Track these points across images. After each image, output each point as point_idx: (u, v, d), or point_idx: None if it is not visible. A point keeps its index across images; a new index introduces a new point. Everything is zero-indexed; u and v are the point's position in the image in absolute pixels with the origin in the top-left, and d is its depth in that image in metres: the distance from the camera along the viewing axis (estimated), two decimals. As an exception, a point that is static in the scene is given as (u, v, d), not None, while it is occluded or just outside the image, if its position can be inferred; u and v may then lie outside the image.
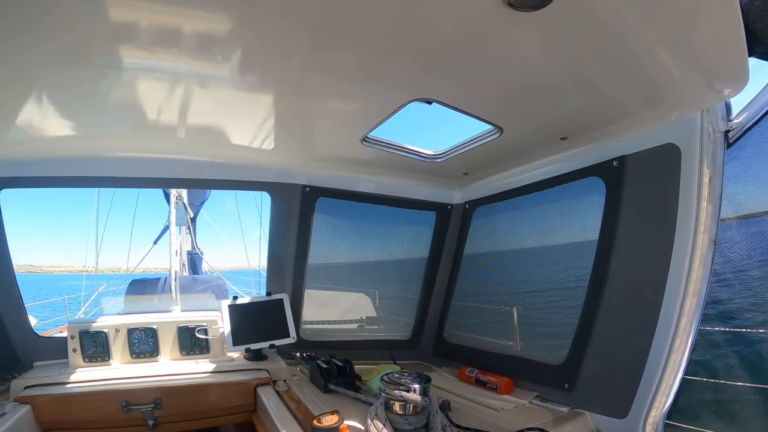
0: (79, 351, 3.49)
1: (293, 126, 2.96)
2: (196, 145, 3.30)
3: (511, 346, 3.52)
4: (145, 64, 2.11)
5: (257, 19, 1.73)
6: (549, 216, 3.28)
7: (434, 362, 4.17)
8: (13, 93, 2.30)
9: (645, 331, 2.46)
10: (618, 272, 2.67)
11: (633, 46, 1.81)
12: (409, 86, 2.32)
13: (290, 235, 3.94)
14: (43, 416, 2.94)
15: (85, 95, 2.40)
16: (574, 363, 2.85)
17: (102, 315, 3.94)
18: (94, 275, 12.22)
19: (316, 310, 4.20)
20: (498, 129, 2.78)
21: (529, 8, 1.56)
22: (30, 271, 66.46)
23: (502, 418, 2.81)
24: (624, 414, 2.55)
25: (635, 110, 2.39)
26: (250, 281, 12.73)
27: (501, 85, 2.24)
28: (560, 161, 3.04)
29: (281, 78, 2.27)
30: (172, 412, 3.19)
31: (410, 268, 4.32)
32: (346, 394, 3.09)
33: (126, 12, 1.68)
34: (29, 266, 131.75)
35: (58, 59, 1.99)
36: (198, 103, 2.57)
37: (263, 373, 3.54)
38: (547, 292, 3.31)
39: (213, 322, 3.83)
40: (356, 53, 1.99)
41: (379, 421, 2.04)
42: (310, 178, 3.81)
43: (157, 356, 3.70)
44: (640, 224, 2.59)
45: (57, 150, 3.16)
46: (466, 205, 4.03)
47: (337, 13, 1.69)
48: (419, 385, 2.02)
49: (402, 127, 2.77)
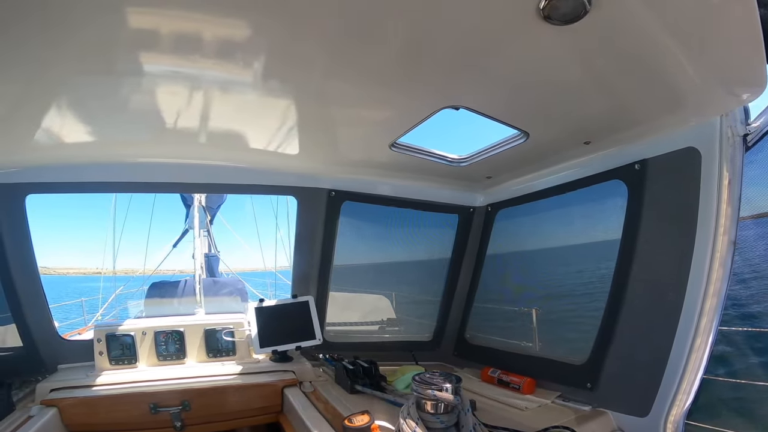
0: (105, 354, 3.55)
1: (319, 132, 3.01)
2: (219, 149, 3.35)
3: (533, 346, 3.55)
4: (167, 70, 2.16)
5: (281, 25, 1.77)
6: (571, 218, 3.32)
7: (456, 363, 4.19)
8: (35, 100, 2.35)
9: (666, 331, 2.49)
10: (640, 273, 2.70)
11: (655, 54, 1.86)
12: (441, 93, 2.37)
13: (316, 238, 3.99)
14: (69, 419, 2.98)
15: (108, 102, 2.45)
16: (597, 362, 2.88)
17: (121, 317, 3.98)
18: (110, 277, 12.30)
19: (338, 311, 4.23)
20: (524, 134, 2.82)
21: (562, 22, 1.64)
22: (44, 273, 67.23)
23: (527, 417, 2.85)
24: (645, 412, 2.58)
25: (657, 115, 2.43)
26: (265, 283, 12.79)
27: (529, 91, 2.30)
28: (583, 165, 3.07)
29: (309, 86, 2.33)
30: (199, 414, 3.23)
31: (432, 271, 4.35)
32: (373, 394, 3.12)
33: (147, 19, 1.73)
34: (44, 268, 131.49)
35: (80, 66, 2.04)
36: (221, 109, 2.62)
37: (289, 374, 3.58)
38: (570, 293, 3.34)
39: (239, 324, 3.88)
40: (388, 61, 2.05)
41: (412, 419, 2.08)
42: (336, 183, 3.86)
43: (184, 358, 3.75)
44: (661, 226, 2.62)
45: (81, 156, 3.22)
46: (489, 208, 4.06)
47: (371, 20, 1.74)
48: (451, 384, 2.07)
49: (420, 130, 2.81)
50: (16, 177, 3.24)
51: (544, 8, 1.57)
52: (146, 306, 4.74)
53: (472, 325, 4.15)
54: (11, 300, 3.38)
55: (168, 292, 5.09)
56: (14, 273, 3.36)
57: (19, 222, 3.36)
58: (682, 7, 1.57)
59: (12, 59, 1.92)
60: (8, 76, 2.07)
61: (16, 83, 2.15)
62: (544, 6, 1.56)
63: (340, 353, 3.97)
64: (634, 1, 1.55)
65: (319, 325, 3.89)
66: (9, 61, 1.93)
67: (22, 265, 3.40)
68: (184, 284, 5.27)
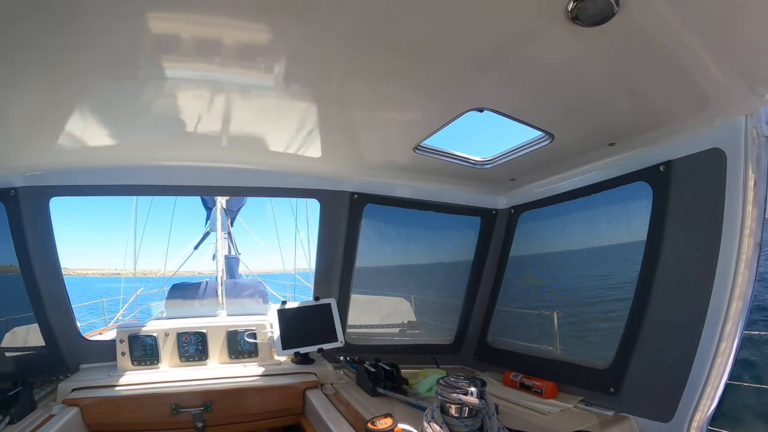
0: (128, 354, 3.59)
1: (342, 135, 3.04)
2: (241, 153, 3.39)
3: (555, 350, 3.53)
4: (189, 74, 2.20)
5: (302, 30, 1.79)
6: (595, 221, 3.28)
7: (477, 367, 4.18)
8: (60, 105, 2.40)
9: (691, 334, 2.46)
10: (665, 276, 2.67)
11: (680, 54, 1.86)
12: (467, 95, 2.38)
13: (338, 241, 4.01)
14: (91, 418, 3.02)
15: (131, 106, 2.49)
16: (621, 367, 2.85)
17: (141, 317, 4.01)
18: (131, 278, 12.44)
19: (359, 314, 4.24)
20: (549, 135, 2.82)
21: (590, 24, 1.64)
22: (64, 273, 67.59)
23: (549, 421, 2.84)
24: (669, 418, 2.54)
25: (682, 116, 2.41)
26: (284, 284, 12.85)
27: (555, 93, 2.30)
28: (607, 166, 3.05)
29: (331, 90, 2.35)
30: (221, 415, 3.25)
31: (453, 274, 4.34)
32: (396, 397, 3.13)
33: (169, 25, 1.76)
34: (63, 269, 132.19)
35: (104, 72, 2.08)
36: (243, 112, 2.66)
37: (311, 376, 3.60)
38: (594, 296, 3.31)
39: (261, 326, 3.90)
40: (413, 64, 2.06)
41: (436, 423, 2.08)
42: (358, 185, 3.87)
43: (206, 360, 3.78)
44: (686, 228, 2.60)
45: (104, 159, 3.28)
46: (512, 210, 4.04)
47: (393, 24, 1.75)
48: (476, 388, 2.07)
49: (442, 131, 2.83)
50: (41, 180, 3.30)
51: (572, 10, 1.57)
52: (167, 307, 4.78)
53: (494, 329, 4.13)
54: (34, 300, 3.43)
55: (189, 294, 5.13)
56: (38, 274, 3.41)
57: (44, 224, 3.42)
58: (707, 7, 1.56)
59: (38, 67, 1.97)
60: (34, 83, 2.12)
61: (42, 90, 2.20)
62: (572, 8, 1.56)
63: (361, 356, 3.98)
64: (661, 2, 1.55)
65: (341, 327, 3.90)
66: (35, 68, 1.97)
67: (45, 266, 3.46)
68: (205, 286, 5.30)
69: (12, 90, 2.15)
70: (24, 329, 3.53)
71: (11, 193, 3.24)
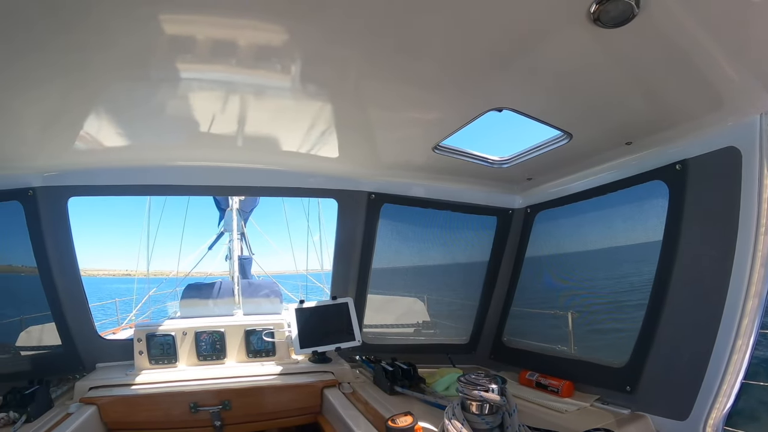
0: (145, 353, 3.64)
1: (359, 135, 3.06)
2: (258, 153, 3.42)
3: (572, 349, 3.54)
4: (206, 76, 2.23)
5: (318, 30, 1.81)
6: (612, 220, 3.29)
7: (492, 366, 4.19)
8: (76, 107, 2.44)
9: (707, 333, 2.47)
10: (681, 275, 2.68)
11: (695, 54, 1.88)
12: (488, 95, 2.40)
13: (355, 240, 4.03)
14: (109, 417, 3.05)
15: (148, 107, 2.53)
16: (637, 365, 2.86)
17: (154, 317, 4.03)
18: (143, 279, 12.50)
19: (374, 313, 4.26)
20: (567, 135, 2.84)
21: (611, 26, 1.67)
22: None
23: (566, 419, 2.85)
24: (685, 416, 2.55)
25: (697, 114, 2.42)
26: (296, 285, 12.87)
27: (574, 93, 2.33)
28: (623, 165, 3.06)
29: (349, 90, 2.38)
30: (239, 414, 3.28)
31: (469, 273, 4.34)
32: (414, 396, 3.15)
33: (184, 27, 1.79)
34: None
35: (119, 74, 2.12)
36: (259, 113, 2.69)
37: (328, 375, 3.62)
38: (610, 295, 3.31)
39: (279, 325, 3.94)
40: (434, 65, 2.08)
41: (457, 420, 2.10)
42: (376, 185, 3.90)
43: (224, 359, 3.82)
44: (702, 227, 2.60)
45: (122, 160, 3.32)
46: (528, 210, 4.03)
47: (411, 25, 1.77)
48: (497, 385, 2.08)
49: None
50: (59, 180, 3.35)
51: (594, 12, 1.60)
52: (182, 307, 4.80)
53: (510, 328, 4.14)
54: (51, 300, 3.47)
55: (204, 293, 5.15)
56: (55, 273, 3.45)
57: (62, 224, 3.47)
58: (723, 8, 1.59)
59: (54, 69, 2.00)
60: (51, 85, 2.16)
61: (58, 91, 2.24)
62: (594, 10, 1.59)
63: (376, 355, 4.02)
64: (679, 4, 1.58)
65: (358, 326, 3.93)
66: (51, 70, 2.01)
67: (63, 266, 3.50)
68: (219, 286, 5.32)
69: (29, 91, 2.19)
70: (39, 328, 3.57)
71: (29, 193, 3.29)
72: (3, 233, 3.43)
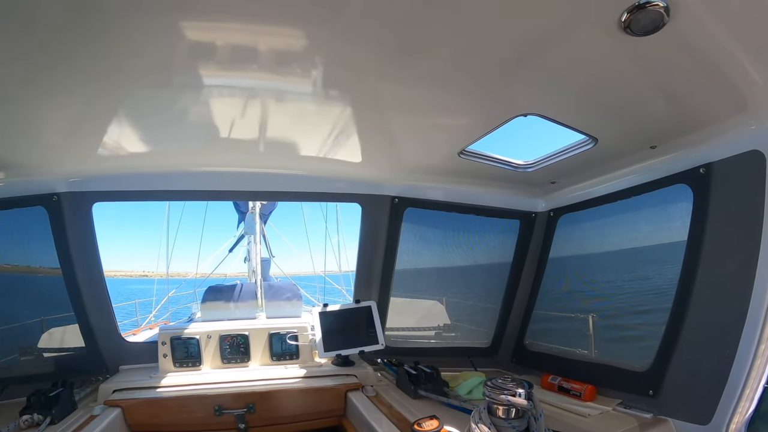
0: (170, 356, 3.69)
1: (383, 140, 3.07)
2: (281, 158, 3.45)
3: (594, 353, 3.52)
4: (227, 82, 2.25)
5: (337, 36, 1.83)
6: (635, 224, 3.28)
7: (514, 370, 4.17)
8: (100, 115, 2.49)
9: (731, 337, 2.45)
10: (705, 279, 2.66)
11: (721, 59, 1.89)
12: (514, 101, 2.42)
13: (378, 244, 4.05)
14: (133, 419, 3.10)
15: (174, 114, 2.57)
16: (660, 369, 2.85)
17: (173, 318, 4.04)
18: (163, 280, 12.62)
19: (396, 316, 4.28)
20: (593, 139, 2.84)
21: (641, 34, 1.69)
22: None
23: (589, 423, 2.85)
24: (707, 420, 2.53)
25: (721, 118, 2.41)
26: (314, 287, 12.92)
27: (601, 98, 2.34)
28: (647, 169, 3.04)
29: (371, 94, 2.39)
30: (263, 417, 3.31)
31: (491, 277, 4.33)
32: (438, 399, 3.16)
33: (204, 34, 1.82)
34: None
35: (141, 81, 2.15)
36: (281, 118, 2.71)
37: (352, 378, 3.64)
38: (633, 298, 3.30)
39: (303, 328, 3.98)
40: (462, 70, 2.09)
41: (484, 424, 2.11)
42: (399, 189, 3.91)
43: (248, 362, 3.86)
44: (726, 230, 2.59)
45: (146, 165, 3.37)
46: (551, 213, 4.01)
47: (434, 30, 1.78)
48: (524, 389, 2.10)
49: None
50: (83, 186, 3.41)
51: (625, 20, 1.62)
52: (203, 309, 4.83)
53: (532, 332, 4.13)
54: (75, 302, 3.52)
55: (225, 296, 5.18)
56: (79, 276, 3.50)
57: (87, 228, 3.53)
58: (747, 12, 1.60)
59: (78, 78, 2.05)
60: (75, 93, 2.20)
61: (82, 99, 2.28)
62: (625, 18, 1.61)
63: (398, 358, 4.03)
64: (707, 12, 1.59)
65: (382, 330, 3.94)
66: (75, 79, 2.06)
67: (88, 269, 3.56)
68: (240, 288, 5.34)
69: (54, 98, 2.23)
70: (60, 330, 3.62)
71: (54, 198, 3.34)
72: (24, 237, 3.47)
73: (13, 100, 2.21)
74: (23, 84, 2.06)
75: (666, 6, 1.54)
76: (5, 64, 1.88)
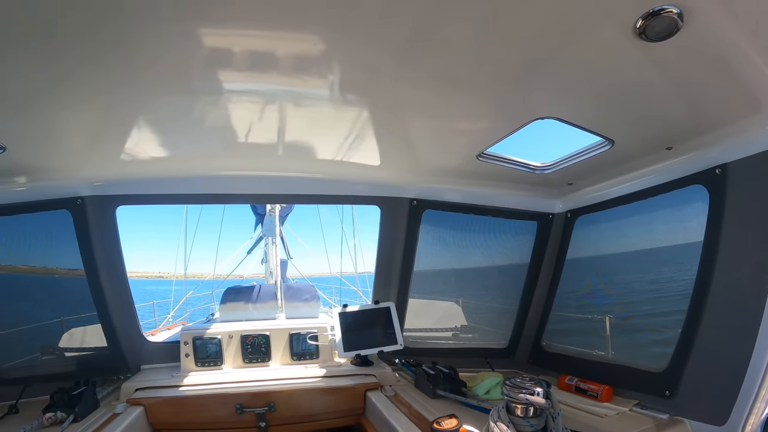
0: (192, 356, 3.77)
1: (403, 143, 3.10)
2: (299, 161, 3.49)
3: (611, 354, 3.53)
4: (244, 87, 2.28)
5: (355, 40, 1.85)
6: (652, 224, 3.28)
7: (531, 371, 4.17)
8: (121, 119, 2.53)
9: (747, 338, 2.44)
10: (722, 279, 2.65)
11: (735, 60, 1.90)
12: (532, 105, 2.45)
13: (397, 246, 4.09)
14: (155, 417, 3.17)
15: (194, 119, 2.61)
16: (677, 370, 2.84)
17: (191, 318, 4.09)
18: (181, 281, 12.75)
19: (414, 317, 4.31)
20: (609, 141, 2.85)
21: (655, 39, 1.72)
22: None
23: (606, 424, 2.87)
24: (723, 421, 2.52)
25: (737, 118, 2.41)
26: (330, 288, 12.98)
27: (617, 102, 2.36)
28: (664, 170, 3.05)
29: (389, 97, 2.41)
30: (284, 415, 3.37)
31: (508, 278, 4.34)
32: (456, 399, 3.20)
33: (221, 40, 1.85)
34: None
35: (161, 88, 2.20)
36: (299, 122, 2.73)
37: (371, 378, 3.69)
38: (650, 299, 3.31)
39: (323, 329, 4.04)
40: (481, 73, 2.12)
41: (503, 422, 2.15)
42: (418, 192, 3.94)
43: (269, 361, 3.93)
44: (743, 231, 2.58)
45: (167, 170, 3.44)
46: (568, 214, 4.01)
47: (453, 34, 1.81)
48: (542, 389, 2.13)
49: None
50: (107, 189, 3.48)
51: (639, 27, 1.65)
52: (222, 310, 4.89)
53: (550, 333, 4.13)
54: (98, 303, 3.60)
55: (244, 297, 5.23)
56: (103, 278, 3.57)
57: (111, 231, 3.60)
58: (763, 15, 1.61)
59: (99, 85, 2.10)
60: (96, 100, 2.26)
61: (105, 106, 2.34)
62: (640, 25, 1.64)
63: (416, 358, 4.07)
64: (721, 15, 1.61)
65: (400, 330, 3.98)
66: (96, 86, 2.11)
67: (111, 271, 3.63)
68: (258, 289, 5.40)
69: (77, 105, 2.28)
70: (81, 330, 3.70)
71: (78, 202, 3.41)
72: (48, 239, 3.55)
73: (34, 108, 2.27)
74: (44, 92, 2.12)
75: (680, 12, 1.56)
76: (26, 72, 1.94)
